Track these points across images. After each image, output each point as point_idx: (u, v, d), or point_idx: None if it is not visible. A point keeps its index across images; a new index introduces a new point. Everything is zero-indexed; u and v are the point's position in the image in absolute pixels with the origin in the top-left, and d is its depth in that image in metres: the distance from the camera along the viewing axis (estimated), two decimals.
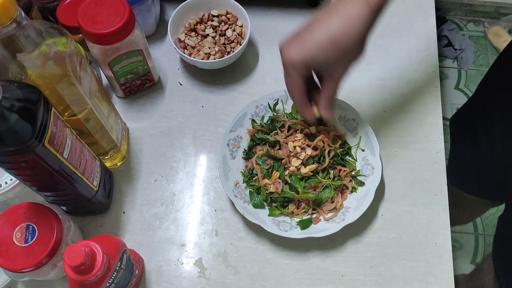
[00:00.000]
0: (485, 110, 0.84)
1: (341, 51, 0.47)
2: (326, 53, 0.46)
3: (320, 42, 0.46)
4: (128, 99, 0.74)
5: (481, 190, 0.95)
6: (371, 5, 0.46)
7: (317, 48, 0.46)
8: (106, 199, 0.64)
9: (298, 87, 0.51)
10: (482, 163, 0.86)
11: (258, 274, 0.61)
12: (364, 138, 0.65)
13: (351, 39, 0.46)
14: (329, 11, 0.48)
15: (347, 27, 0.46)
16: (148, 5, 0.72)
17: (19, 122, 0.42)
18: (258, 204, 0.62)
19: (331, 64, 0.48)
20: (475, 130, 0.87)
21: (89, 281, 0.46)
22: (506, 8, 1.95)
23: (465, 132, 0.92)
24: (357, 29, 0.46)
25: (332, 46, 0.46)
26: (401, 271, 0.61)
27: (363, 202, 0.60)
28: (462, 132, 0.94)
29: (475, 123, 0.88)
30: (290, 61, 0.48)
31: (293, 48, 0.48)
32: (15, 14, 0.42)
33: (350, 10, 0.46)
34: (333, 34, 0.46)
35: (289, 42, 0.49)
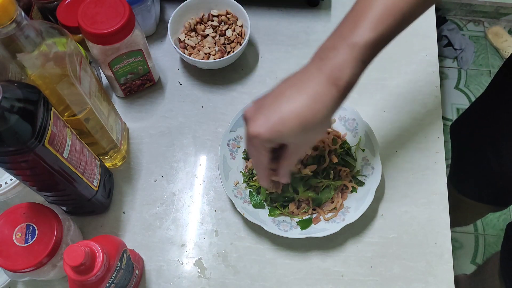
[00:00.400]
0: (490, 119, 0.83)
1: (308, 131, 0.45)
2: (293, 132, 0.44)
3: (288, 121, 0.44)
4: (128, 99, 0.74)
5: (485, 196, 0.95)
6: (340, 87, 0.44)
7: (285, 126, 0.44)
8: (106, 199, 0.64)
9: (263, 159, 0.49)
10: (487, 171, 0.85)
11: (258, 274, 0.61)
12: (364, 138, 0.65)
13: (320, 120, 0.44)
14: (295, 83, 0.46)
15: (316, 109, 0.44)
16: (148, 5, 0.72)
17: (19, 122, 0.42)
18: (258, 204, 0.62)
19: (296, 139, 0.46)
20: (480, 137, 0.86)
21: (89, 281, 0.46)
22: (506, 8, 1.95)
23: (469, 139, 0.91)
24: (325, 110, 0.44)
25: (300, 126, 0.44)
26: (401, 271, 0.61)
27: (363, 202, 0.60)
28: (465, 138, 0.93)
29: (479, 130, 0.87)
30: (256, 136, 0.45)
31: (259, 121, 0.45)
32: (15, 14, 0.42)
33: (319, 91, 0.44)
34: (301, 114, 0.44)
35: (254, 113, 0.46)
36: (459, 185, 0.97)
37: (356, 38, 0.44)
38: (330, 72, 0.44)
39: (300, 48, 0.78)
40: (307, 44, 0.79)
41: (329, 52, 0.45)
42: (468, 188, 0.96)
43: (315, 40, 0.79)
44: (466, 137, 0.93)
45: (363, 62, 0.45)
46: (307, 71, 0.46)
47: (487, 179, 0.87)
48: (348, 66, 0.44)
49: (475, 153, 0.88)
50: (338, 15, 0.81)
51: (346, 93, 0.45)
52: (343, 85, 0.44)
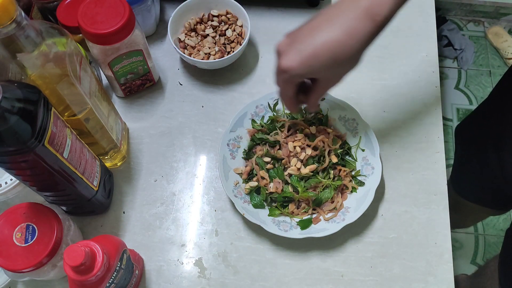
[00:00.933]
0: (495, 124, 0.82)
1: (339, 64, 0.45)
2: (323, 65, 0.45)
3: (320, 56, 0.44)
4: (128, 99, 0.74)
5: (486, 200, 0.94)
6: (377, 22, 0.44)
7: (316, 61, 0.45)
8: (106, 199, 0.64)
9: (292, 93, 0.51)
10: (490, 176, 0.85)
11: (258, 274, 0.61)
12: (364, 138, 0.65)
13: (351, 53, 0.45)
14: (330, 17, 0.45)
15: (349, 41, 0.44)
16: (148, 5, 0.72)
17: (19, 122, 0.42)
18: (258, 204, 0.62)
19: (327, 73, 0.47)
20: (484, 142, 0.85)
21: (89, 281, 0.46)
22: (506, 8, 1.95)
23: (472, 143, 0.90)
24: (358, 44, 0.44)
25: (331, 58, 0.45)
26: (401, 271, 0.61)
27: (363, 202, 0.60)
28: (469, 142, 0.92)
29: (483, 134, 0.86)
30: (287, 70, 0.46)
31: (291, 55, 0.46)
32: (15, 14, 0.42)
33: (355, 25, 0.44)
34: (334, 50, 0.44)
35: (287, 47, 0.47)
36: (461, 188, 0.96)
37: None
38: (368, 6, 0.43)
39: None
40: None
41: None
42: (470, 192, 0.96)
43: None
44: (469, 141, 0.92)
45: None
46: (342, 5, 0.45)
47: (490, 183, 0.87)
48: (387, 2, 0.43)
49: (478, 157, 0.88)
50: None
51: (381, 29, 0.45)
52: (380, 20, 0.43)
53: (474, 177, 0.92)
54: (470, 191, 0.95)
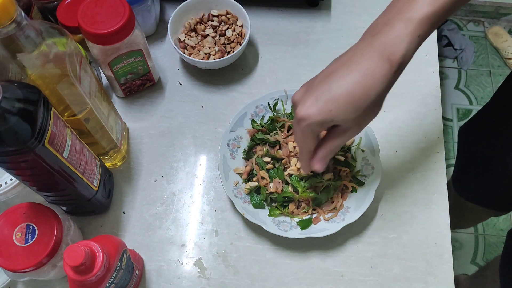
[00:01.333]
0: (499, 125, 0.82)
1: (360, 111, 0.43)
2: (345, 112, 0.43)
3: (339, 100, 0.42)
4: (128, 99, 0.74)
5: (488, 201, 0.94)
6: (393, 63, 0.42)
7: (336, 106, 0.42)
8: (106, 199, 0.64)
9: (310, 144, 0.47)
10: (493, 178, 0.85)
11: (258, 274, 0.61)
12: (364, 138, 0.65)
13: (372, 99, 0.43)
14: (345, 62, 0.44)
15: (368, 85, 0.42)
16: (148, 5, 0.72)
17: (19, 122, 0.42)
18: (258, 204, 0.62)
19: (348, 122, 0.44)
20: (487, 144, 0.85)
21: (89, 281, 0.46)
22: (506, 8, 1.95)
23: (476, 145, 0.90)
24: (378, 89, 0.42)
25: (352, 104, 0.42)
26: (401, 271, 0.61)
27: (363, 202, 0.60)
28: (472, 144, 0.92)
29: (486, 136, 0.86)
30: (306, 118, 0.44)
31: (309, 102, 0.44)
32: (15, 14, 0.42)
33: (371, 67, 0.42)
34: (353, 92, 0.42)
35: (303, 95, 0.45)
36: (463, 189, 0.96)
37: (412, 12, 0.42)
38: (383, 47, 0.42)
39: (300, 48, 0.78)
40: (307, 44, 0.79)
41: (383, 27, 0.43)
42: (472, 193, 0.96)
43: (315, 40, 0.79)
44: (473, 143, 0.92)
45: (418, 37, 0.42)
46: (358, 48, 0.44)
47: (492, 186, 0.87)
48: (403, 41, 0.42)
49: (481, 159, 0.88)
50: (338, 15, 0.81)
51: (400, 69, 0.43)
52: (397, 60, 0.42)
53: (476, 179, 0.92)
54: (472, 192, 0.95)
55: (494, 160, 0.82)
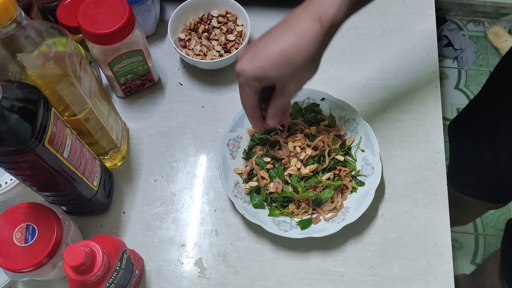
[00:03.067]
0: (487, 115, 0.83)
1: (292, 68, 0.46)
2: (278, 69, 0.46)
3: (272, 57, 0.46)
4: (128, 99, 0.74)
5: (483, 193, 0.95)
6: (324, 23, 0.45)
7: (269, 63, 0.46)
8: (106, 199, 0.64)
9: (250, 99, 0.50)
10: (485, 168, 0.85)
11: (258, 274, 0.61)
12: (364, 138, 0.65)
13: (303, 56, 0.46)
14: (283, 26, 0.47)
15: (299, 44, 0.45)
16: (148, 5, 0.72)
17: (19, 122, 0.42)
18: (258, 204, 0.62)
19: (283, 79, 0.48)
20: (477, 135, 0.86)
21: (89, 281, 0.46)
22: (506, 8, 1.95)
23: (467, 137, 0.91)
24: (309, 47, 0.45)
25: (284, 62, 0.46)
26: (401, 271, 0.61)
27: (363, 202, 0.60)
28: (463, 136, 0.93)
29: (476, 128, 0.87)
30: (242, 73, 0.47)
31: (246, 60, 0.47)
32: (15, 14, 0.42)
33: (303, 27, 0.45)
34: (285, 50, 0.46)
35: (243, 53, 0.49)
36: (458, 183, 0.97)
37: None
38: (315, 9, 0.46)
39: None
40: None
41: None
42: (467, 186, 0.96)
43: None
44: (463, 135, 0.93)
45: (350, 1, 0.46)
46: (295, 12, 0.47)
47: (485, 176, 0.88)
48: (334, 3, 0.45)
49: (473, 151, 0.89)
50: None
51: (330, 31, 0.46)
52: (327, 21, 0.45)
53: (470, 171, 0.92)
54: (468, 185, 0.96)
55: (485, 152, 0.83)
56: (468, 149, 0.91)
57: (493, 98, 0.82)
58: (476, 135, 0.87)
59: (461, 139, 0.94)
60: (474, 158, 0.89)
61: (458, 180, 0.97)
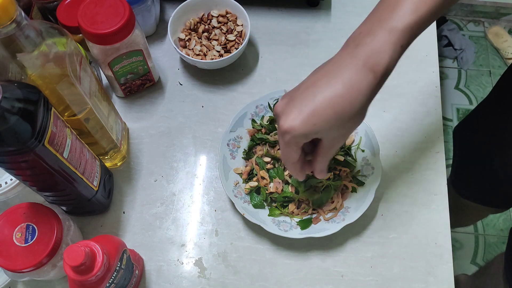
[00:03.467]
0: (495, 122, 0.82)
1: (344, 121, 0.43)
2: (329, 124, 0.42)
3: (323, 112, 0.42)
4: (128, 99, 0.74)
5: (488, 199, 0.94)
6: (377, 73, 0.42)
7: (320, 118, 0.42)
8: (106, 199, 0.64)
9: (296, 155, 0.47)
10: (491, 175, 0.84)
11: (258, 274, 0.61)
12: (364, 138, 0.65)
13: (356, 109, 0.42)
14: (328, 73, 0.43)
15: (352, 97, 0.42)
16: (148, 5, 0.72)
17: (19, 122, 0.42)
18: (258, 204, 0.62)
19: (331, 132, 0.44)
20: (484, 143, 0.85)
21: (89, 281, 0.46)
22: (506, 8, 1.95)
23: (473, 143, 0.90)
24: (362, 100, 0.42)
25: (335, 117, 0.42)
26: (401, 271, 0.61)
27: (363, 202, 0.60)
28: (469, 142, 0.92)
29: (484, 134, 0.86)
30: (291, 131, 0.43)
31: (292, 115, 0.43)
32: (15, 14, 0.42)
33: (355, 78, 0.42)
34: (337, 104, 0.42)
35: (286, 106, 0.44)
36: (461, 188, 0.96)
37: (395, 21, 0.42)
38: (366, 58, 0.42)
39: (300, 48, 0.78)
40: (307, 44, 0.79)
41: (365, 37, 0.42)
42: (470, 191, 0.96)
43: (315, 40, 0.79)
44: (469, 141, 0.92)
45: (401, 46, 0.42)
46: (340, 59, 0.43)
47: (491, 182, 0.87)
48: (386, 51, 0.41)
49: (479, 157, 0.88)
50: (338, 15, 0.81)
51: (383, 79, 0.43)
52: (380, 71, 0.42)
53: (475, 178, 0.92)
54: (471, 191, 0.95)
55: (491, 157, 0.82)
56: (474, 155, 0.89)
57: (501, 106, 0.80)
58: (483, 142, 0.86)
59: (467, 144, 0.93)
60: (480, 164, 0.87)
61: (461, 185, 0.96)
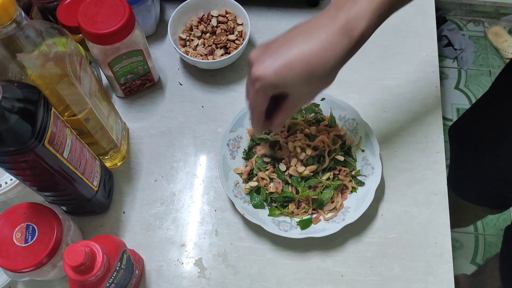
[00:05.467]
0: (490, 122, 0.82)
1: (313, 78, 0.44)
2: (298, 79, 0.43)
3: (295, 66, 0.43)
4: (128, 99, 0.74)
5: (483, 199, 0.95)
6: (352, 38, 0.43)
7: (291, 71, 0.43)
8: (106, 199, 0.64)
9: (262, 105, 0.47)
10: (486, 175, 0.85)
11: (258, 274, 0.61)
12: (364, 138, 0.65)
13: (326, 70, 0.43)
14: (306, 30, 0.44)
15: (326, 57, 0.43)
16: (148, 5, 0.72)
17: (19, 122, 0.42)
18: (258, 204, 0.62)
19: (300, 88, 0.45)
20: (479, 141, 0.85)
21: (89, 281, 0.46)
22: (506, 8, 1.95)
23: (468, 142, 0.90)
24: (334, 61, 0.43)
25: (306, 73, 0.43)
26: (401, 271, 0.61)
27: (363, 202, 0.60)
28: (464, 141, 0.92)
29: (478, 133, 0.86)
30: (260, 78, 0.44)
31: (265, 63, 0.44)
32: (15, 14, 0.42)
33: (331, 39, 0.43)
34: (310, 61, 0.43)
35: (261, 55, 0.45)
36: (458, 187, 0.96)
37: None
38: (345, 21, 0.43)
39: None
40: None
41: (347, 2, 0.44)
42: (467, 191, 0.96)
43: None
44: (465, 140, 0.92)
45: (379, 16, 0.44)
46: (320, 20, 0.45)
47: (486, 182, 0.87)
48: (364, 18, 0.43)
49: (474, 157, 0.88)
50: None
51: (357, 45, 0.44)
52: (355, 36, 0.43)
53: (471, 177, 0.92)
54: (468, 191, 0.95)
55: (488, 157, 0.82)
56: (469, 154, 0.90)
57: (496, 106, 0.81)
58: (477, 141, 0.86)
59: (462, 144, 0.93)
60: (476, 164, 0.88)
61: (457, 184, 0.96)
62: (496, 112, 0.80)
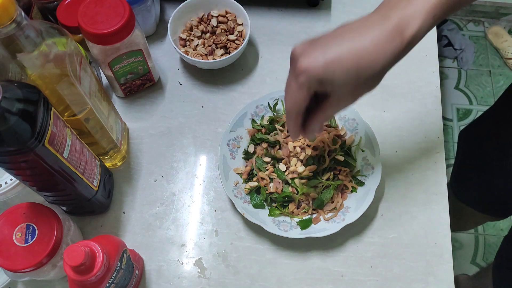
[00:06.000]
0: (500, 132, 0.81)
1: (361, 78, 0.41)
2: (347, 76, 0.41)
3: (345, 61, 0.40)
4: (128, 99, 0.74)
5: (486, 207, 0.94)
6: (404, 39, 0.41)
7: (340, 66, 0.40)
8: (106, 199, 0.64)
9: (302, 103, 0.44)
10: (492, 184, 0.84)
11: (258, 274, 0.61)
12: (364, 138, 0.65)
13: (376, 70, 0.41)
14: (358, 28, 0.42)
15: (376, 56, 0.41)
16: (148, 5, 0.72)
17: (19, 122, 0.42)
18: (258, 204, 0.62)
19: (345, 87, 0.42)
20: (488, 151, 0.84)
21: (89, 281, 0.46)
22: (506, 8, 1.95)
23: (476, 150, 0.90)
24: (384, 61, 0.41)
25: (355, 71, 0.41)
26: (401, 271, 0.61)
27: (363, 202, 0.60)
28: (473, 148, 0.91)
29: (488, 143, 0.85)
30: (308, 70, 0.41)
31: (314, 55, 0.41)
32: (15, 14, 0.42)
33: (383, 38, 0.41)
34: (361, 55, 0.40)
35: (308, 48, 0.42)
36: (460, 193, 0.96)
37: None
38: (398, 20, 0.41)
39: None
40: None
41: (400, 1, 0.42)
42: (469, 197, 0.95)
43: None
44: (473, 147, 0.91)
45: (434, 17, 0.42)
46: (370, 18, 0.43)
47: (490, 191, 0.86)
48: (418, 17, 0.41)
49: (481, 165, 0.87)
50: (338, 15, 0.81)
51: (408, 47, 0.42)
52: (408, 37, 0.41)
53: (475, 184, 0.91)
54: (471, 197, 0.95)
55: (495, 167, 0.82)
56: (476, 162, 0.89)
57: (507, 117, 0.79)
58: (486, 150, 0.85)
59: (470, 150, 0.92)
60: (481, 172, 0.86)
61: (460, 190, 0.96)
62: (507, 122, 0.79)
